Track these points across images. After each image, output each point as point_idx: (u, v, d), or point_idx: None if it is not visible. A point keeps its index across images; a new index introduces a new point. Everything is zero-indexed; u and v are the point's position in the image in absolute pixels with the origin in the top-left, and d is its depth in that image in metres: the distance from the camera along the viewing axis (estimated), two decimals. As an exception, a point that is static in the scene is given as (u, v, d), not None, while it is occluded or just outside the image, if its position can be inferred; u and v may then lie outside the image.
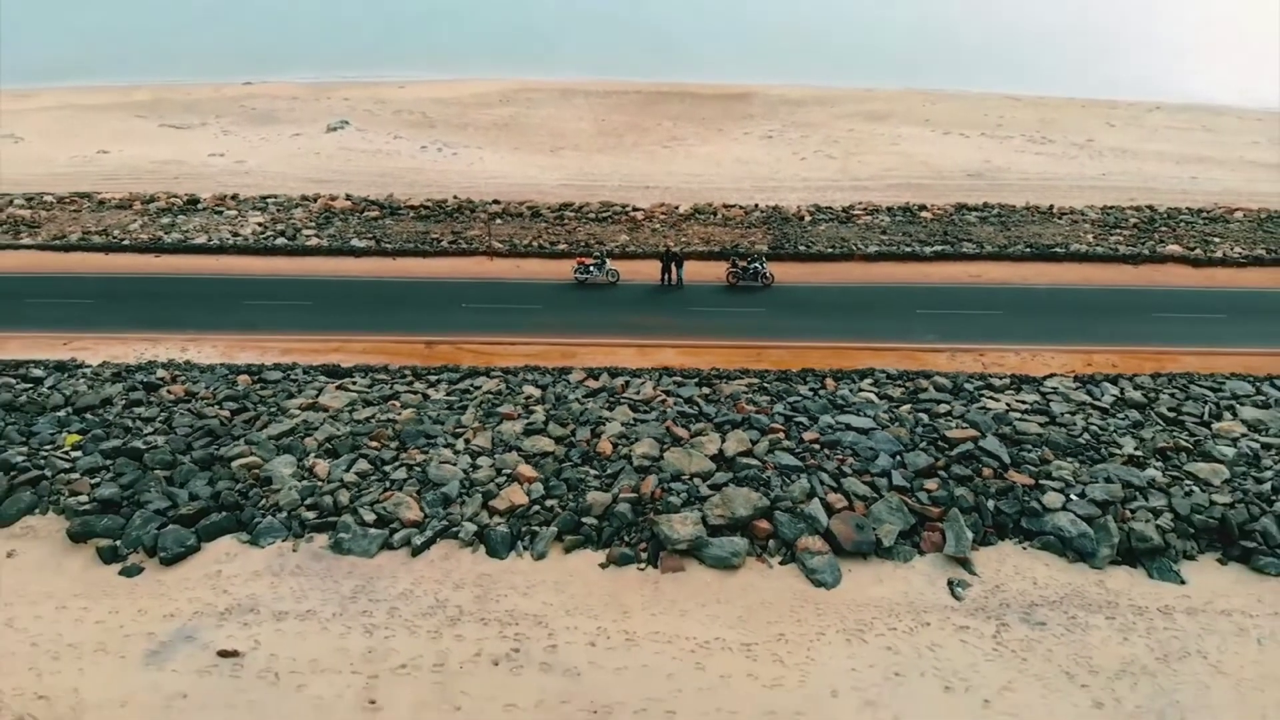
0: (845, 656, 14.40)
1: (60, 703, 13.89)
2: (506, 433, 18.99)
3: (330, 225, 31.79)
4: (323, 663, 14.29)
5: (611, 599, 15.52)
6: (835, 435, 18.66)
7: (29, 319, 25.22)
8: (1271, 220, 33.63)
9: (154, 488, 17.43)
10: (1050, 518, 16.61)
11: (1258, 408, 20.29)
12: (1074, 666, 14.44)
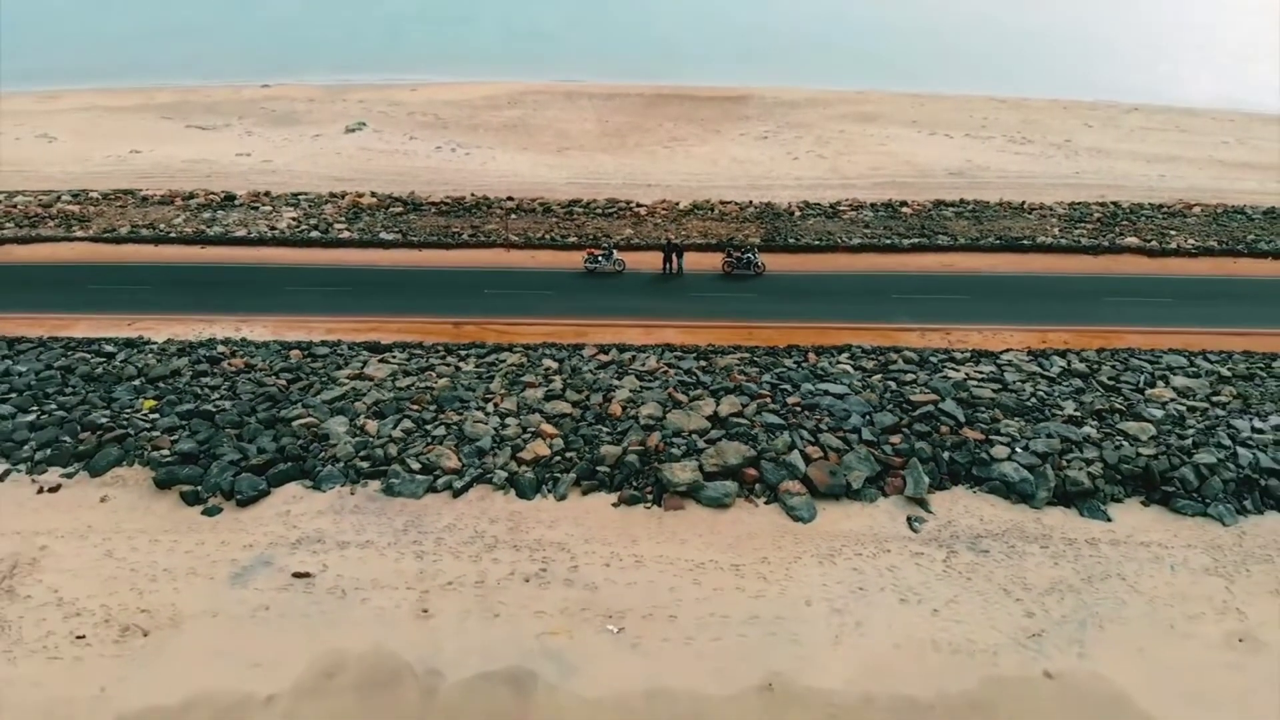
0: (818, 575, 17.25)
1: (160, 615, 16.74)
2: (529, 398, 21.81)
3: (359, 220, 34.58)
4: (382, 581, 17.13)
5: (622, 531, 18.36)
6: (814, 400, 21.49)
7: (94, 303, 28.01)
8: (1226, 215, 36.43)
9: (226, 443, 20.26)
10: (997, 466, 19.45)
11: (1188, 377, 23.12)
12: (1011, 585, 17.29)
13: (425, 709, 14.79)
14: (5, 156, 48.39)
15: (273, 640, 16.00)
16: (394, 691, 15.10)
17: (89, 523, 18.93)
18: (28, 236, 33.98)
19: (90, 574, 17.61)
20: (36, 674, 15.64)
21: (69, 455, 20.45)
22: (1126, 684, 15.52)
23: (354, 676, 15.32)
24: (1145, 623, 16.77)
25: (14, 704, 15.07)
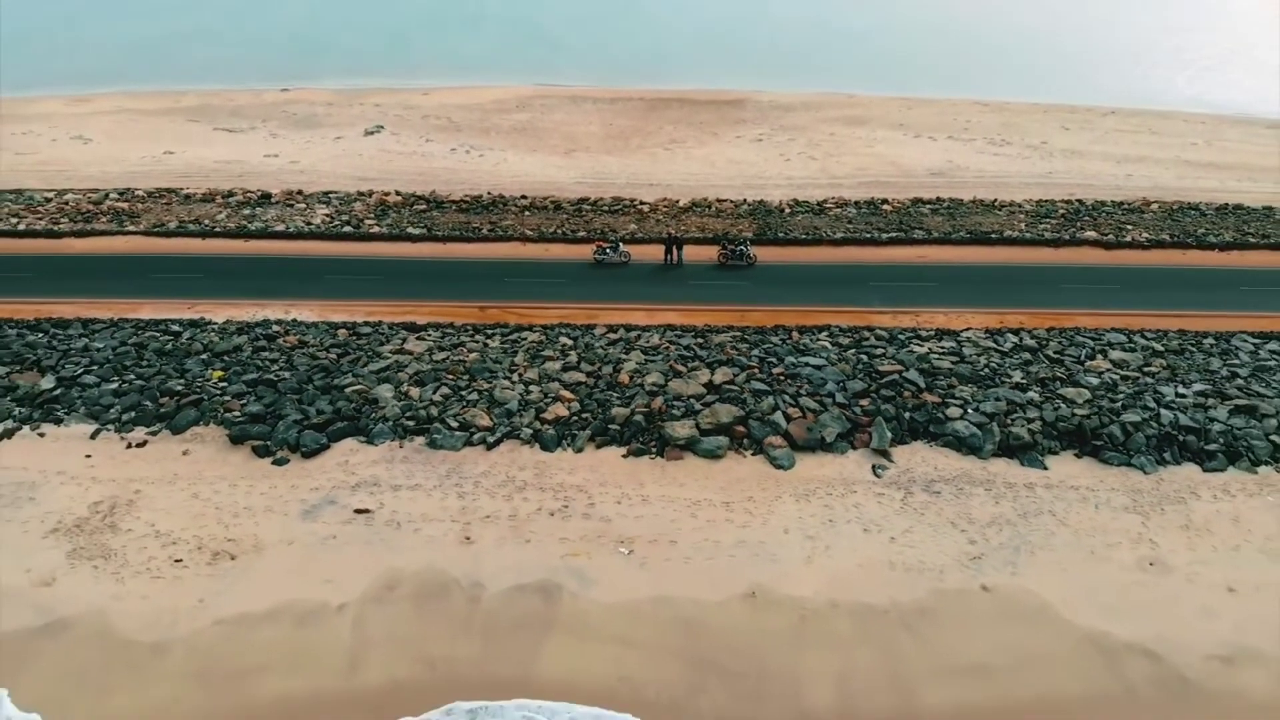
0: (795, 510, 20.55)
1: (244, 543, 20.04)
2: (549, 369, 25.10)
3: (386, 216, 37.83)
4: (430, 515, 20.43)
5: (631, 476, 21.66)
6: (796, 370, 24.77)
7: (155, 289, 31.26)
8: (1181, 211, 39.70)
9: (289, 405, 23.55)
10: (951, 424, 22.73)
11: (1125, 351, 26.41)
12: (957, 519, 20.60)
13: (471, 613, 18.08)
14: (45, 157, 51.58)
15: (341, 562, 19.29)
16: (444, 600, 18.39)
17: (175, 471, 22.23)
18: (83, 230, 37.21)
19: (181, 512, 20.91)
20: (143, 590, 18.94)
21: (152, 416, 23.74)
22: (1051, 596, 18.82)
23: (411, 589, 18.61)
24: (1070, 549, 20.09)
25: (125, 613, 18.35)
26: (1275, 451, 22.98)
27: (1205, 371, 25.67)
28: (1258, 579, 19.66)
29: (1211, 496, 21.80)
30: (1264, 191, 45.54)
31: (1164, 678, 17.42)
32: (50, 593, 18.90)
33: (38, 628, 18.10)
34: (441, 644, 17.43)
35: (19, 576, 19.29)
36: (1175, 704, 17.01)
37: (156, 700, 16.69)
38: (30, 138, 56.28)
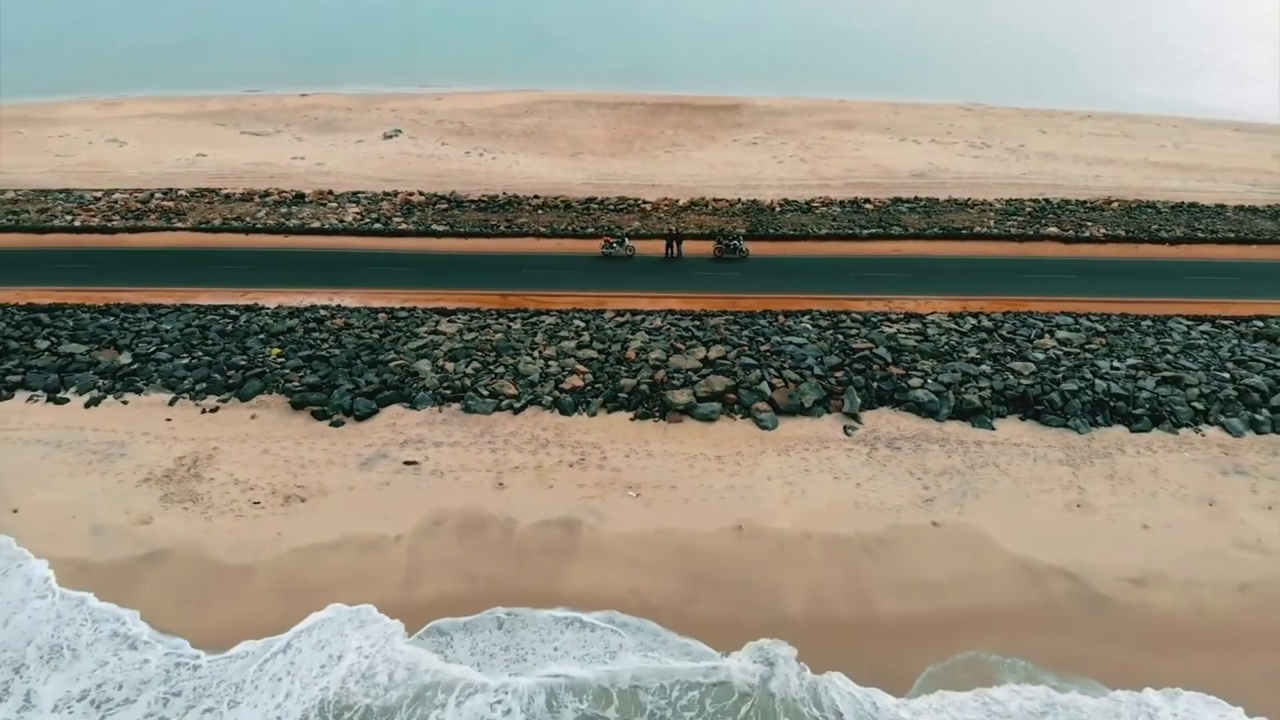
0: (776, 462, 24.20)
1: (311, 489, 23.68)
2: (565, 347, 28.73)
3: (412, 214, 41.44)
4: (468, 466, 24.06)
5: (637, 435, 25.30)
6: (780, 347, 28.42)
7: (209, 279, 34.87)
8: (1139, 209, 43.31)
9: (342, 377, 27.19)
10: (913, 392, 26.37)
11: (1070, 331, 30.06)
12: (914, 469, 24.24)
13: (506, 542, 21.74)
14: (84, 159, 55.23)
15: (395, 503, 22.95)
16: (483, 532, 22.05)
17: (246, 432, 25.87)
18: (135, 226, 40.82)
19: (254, 464, 24.57)
20: (228, 526, 22.61)
21: (221, 387, 27.39)
22: (990, 530, 22.47)
23: (455, 523, 22.27)
24: (1009, 494, 23.75)
25: (214, 543, 22.00)
26: (1195, 416, 26.62)
27: (1140, 349, 29.32)
28: (1169, 518, 23.33)
29: (1135, 452, 25.45)
30: (1220, 190, 49.18)
31: (1081, 594, 21.08)
32: (148, 529, 22.56)
33: (141, 556, 21.76)
34: (482, 566, 21.09)
35: (120, 517, 22.95)
36: (1090, 615, 20.68)
37: (246, 611, 20.34)
38: (67, 140, 59.82)
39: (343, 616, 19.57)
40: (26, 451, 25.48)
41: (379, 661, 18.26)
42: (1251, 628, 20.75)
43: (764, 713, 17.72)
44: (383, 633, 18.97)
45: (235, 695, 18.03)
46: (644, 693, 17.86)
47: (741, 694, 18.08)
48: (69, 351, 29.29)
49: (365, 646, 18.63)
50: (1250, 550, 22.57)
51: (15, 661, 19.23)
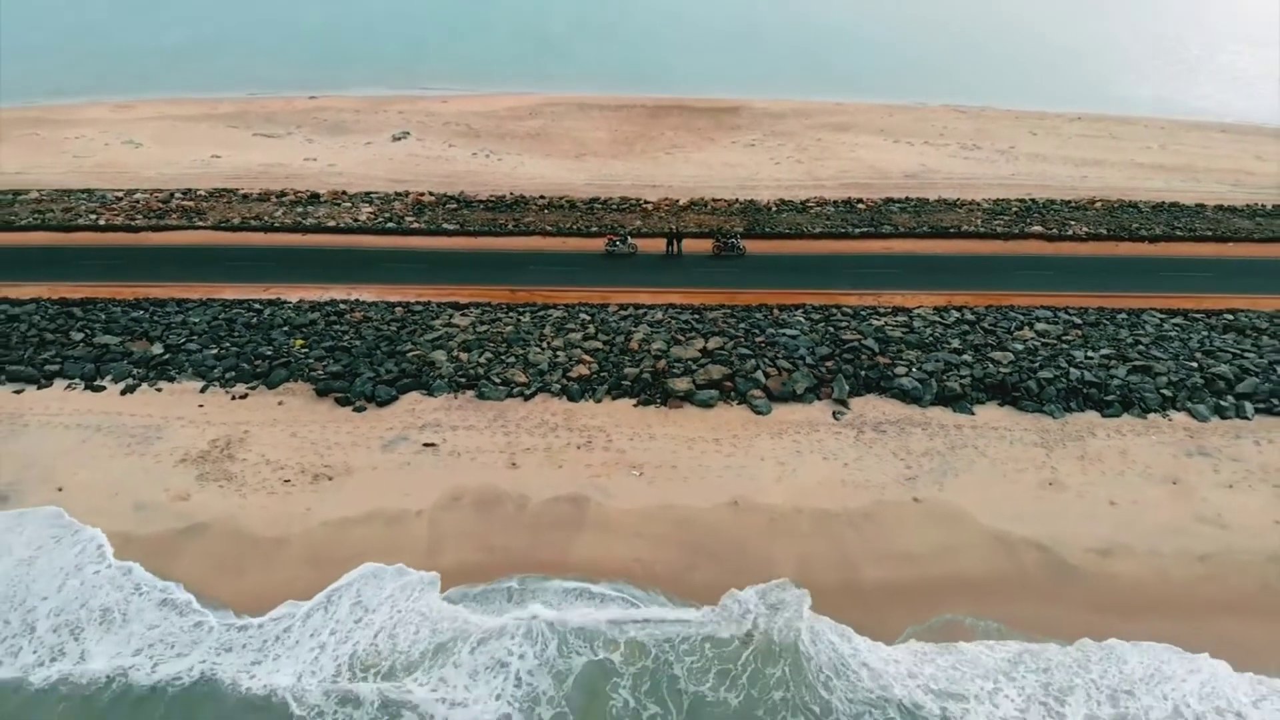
0: (769, 444, 25.96)
1: (338, 468, 25.44)
2: (572, 339, 30.49)
3: (423, 214, 43.22)
4: (483, 448, 25.83)
5: (640, 420, 27.07)
6: (775, 339, 30.19)
7: (232, 275, 36.62)
8: (1121, 208, 45.07)
9: (363, 366, 28.95)
10: (898, 380, 28.15)
11: (1048, 324, 31.83)
12: (899, 450, 26.01)
13: (519, 516, 23.51)
14: (102, 160, 56.97)
15: (416, 481, 24.71)
16: (498, 507, 23.82)
17: (274, 417, 27.64)
18: (158, 225, 42.59)
19: (284, 446, 26.34)
20: (261, 502, 24.37)
21: (249, 375, 29.16)
22: (968, 507, 24.23)
23: (472, 499, 24.04)
24: (986, 473, 25.51)
25: (249, 517, 23.76)
26: (1164, 402, 28.38)
27: (1114, 340, 31.09)
28: (1135, 496, 25.09)
29: (1106, 435, 27.22)
30: (1203, 190, 50.94)
31: (1050, 563, 22.85)
32: (187, 505, 24.34)
33: (181, 529, 23.54)
34: (498, 537, 22.87)
35: (159, 494, 24.73)
36: (1058, 582, 22.45)
37: (280, 578, 22.11)
38: (84, 142, 61.56)
39: (383, 571, 21.53)
40: (67, 435, 27.25)
41: (410, 614, 20.14)
42: (1210, 595, 22.51)
43: (761, 654, 19.52)
44: (418, 581, 20.89)
45: (276, 649, 19.81)
46: (649, 640, 19.67)
47: (740, 640, 19.89)
48: (103, 343, 31.06)
49: (399, 598, 20.53)
50: (1210, 525, 24.32)
51: (72, 624, 21.00)
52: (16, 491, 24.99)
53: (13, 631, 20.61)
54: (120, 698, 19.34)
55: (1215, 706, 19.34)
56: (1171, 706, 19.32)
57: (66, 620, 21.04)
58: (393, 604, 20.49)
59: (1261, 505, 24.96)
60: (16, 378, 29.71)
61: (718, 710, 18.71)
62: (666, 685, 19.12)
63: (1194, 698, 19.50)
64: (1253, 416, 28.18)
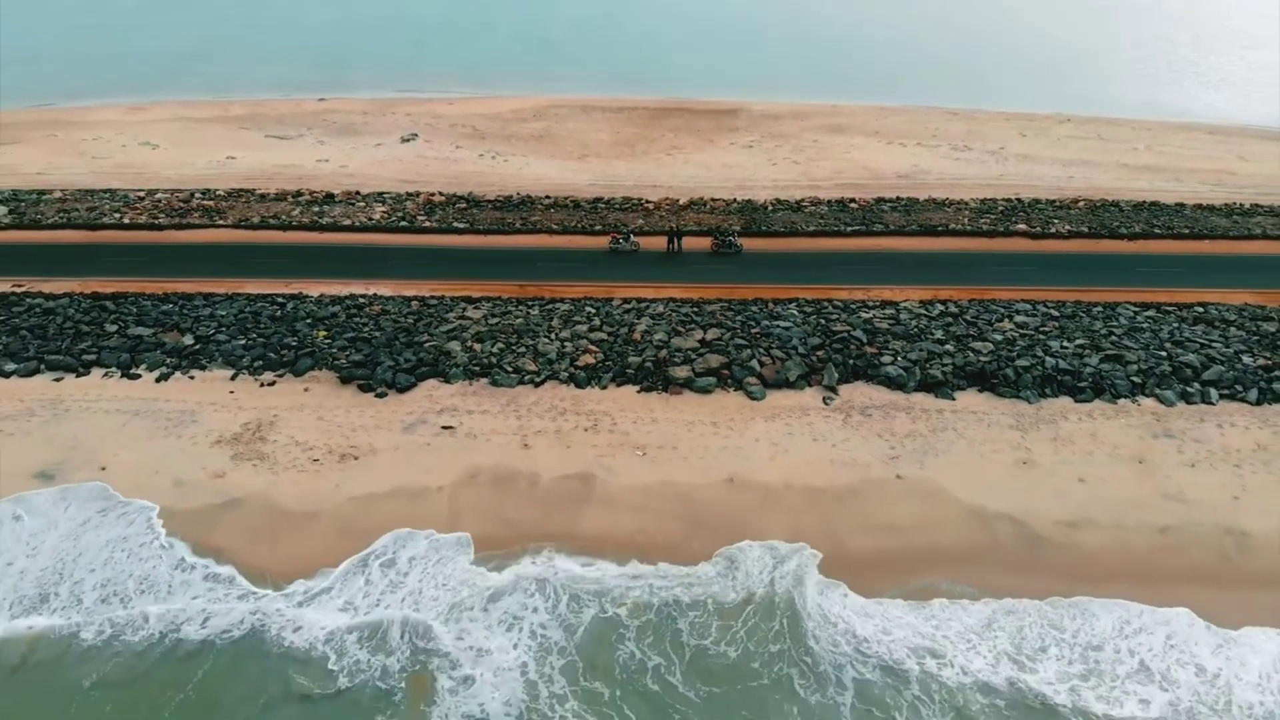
0: (763, 427, 27.91)
1: (363, 448, 27.37)
2: (579, 330, 32.43)
3: (435, 213, 45.14)
4: (497, 430, 27.79)
5: (643, 405, 29.01)
6: (769, 330, 32.14)
7: (254, 270, 38.52)
8: (1103, 207, 46.98)
9: (383, 355, 30.90)
10: (884, 368, 30.09)
11: (1027, 316, 33.78)
12: (883, 432, 27.96)
13: (532, 492, 25.46)
14: (120, 161, 58.85)
15: (436, 460, 26.66)
16: (512, 484, 25.76)
17: (301, 402, 29.59)
18: (180, 224, 44.51)
19: (311, 429, 28.28)
20: (292, 479, 26.32)
21: (276, 364, 31.10)
22: (946, 483, 26.17)
23: (488, 477, 25.98)
24: (964, 453, 27.45)
25: (282, 493, 25.69)
26: (1133, 389, 30.32)
27: (1088, 331, 33.04)
28: (1102, 474, 27.03)
29: (1078, 419, 29.17)
30: (1184, 190, 52.85)
31: (1022, 535, 24.81)
32: (223, 482, 26.28)
33: (218, 504, 25.48)
34: (512, 510, 24.83)
35: (197, 472, 26.67)
36: (1029, 552, 24.41)
37: (312, 548, 24.06)
38: (101, 143, 63.43)
39: (415, 535, 23.60)
40: (107, 419, 29.19)
41: (436, 574, 22.18)
42: (1169, 564, 24.47)
43: (760, 608, 21.53)
44: (451, 542, 23.06)
45: (314, 608, 21.77)
46: (654, 599, 21.69)
47: (735, 590, 21.90)
48: (137, 334, 33.00)
49: (429, 559, 22.59)
50: (1172, 500, 26.27)
51: (120, 589, 22.92)
52: (62, 471, 26.91)
53: (64, 596, 22.53)
54: (170, 653, 21.26)
55: (1179, 659, 21.27)
56: (1138, 661, 21.23)
57: (115, 588, 22.95)
58: (422, 566, 22.44)
59: (1221, 482, 26.91)
60: (56, 366, 31.62)
61: (717, 661, 20.69)
62: (670, 638, 21.08)
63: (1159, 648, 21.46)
64: (1217, 402, 30.12)
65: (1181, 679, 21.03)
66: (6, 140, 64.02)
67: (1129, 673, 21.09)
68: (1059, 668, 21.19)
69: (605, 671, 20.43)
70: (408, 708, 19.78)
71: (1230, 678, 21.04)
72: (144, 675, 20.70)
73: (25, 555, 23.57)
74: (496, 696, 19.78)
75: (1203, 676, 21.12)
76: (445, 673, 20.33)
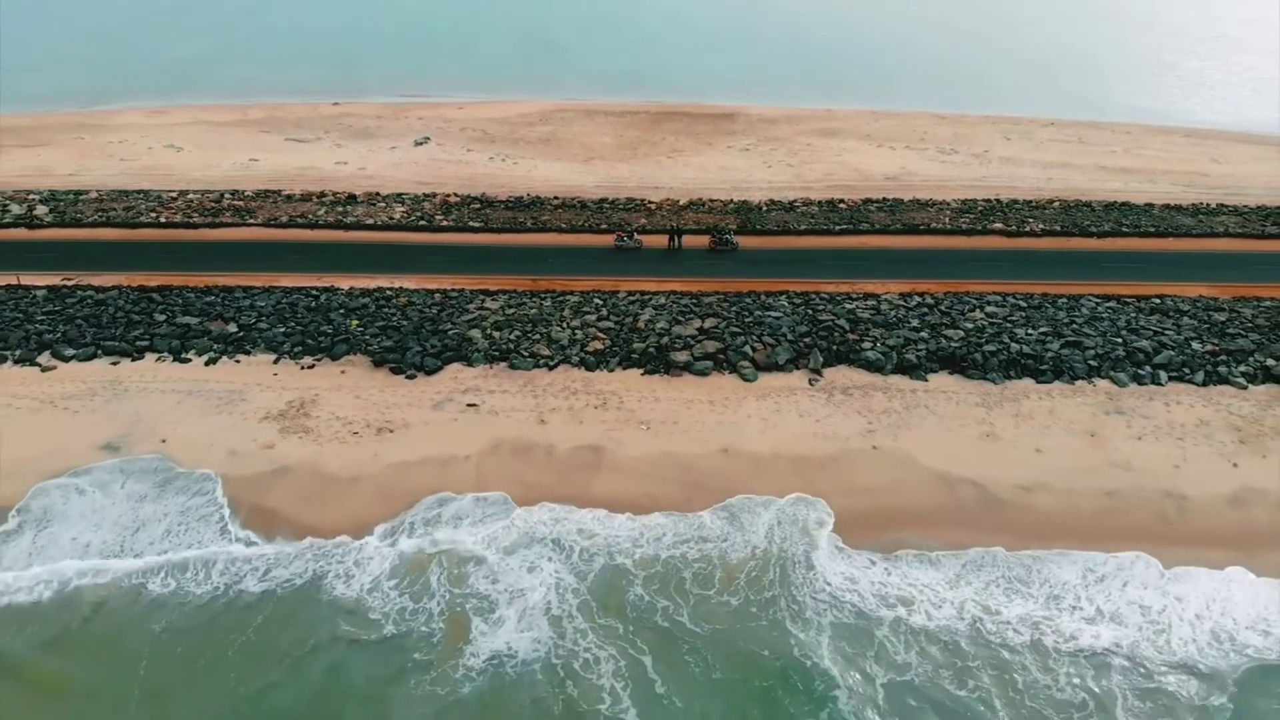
0: (755, 405, 31.15)
1: (397, 423, 30.58)
2: (588, 319, 35.66)
3: (451, 213, 48.37)
4: (516, 408, 31.03)
5: (646, 386, 32.25)
6: (761, 319, 35.39)
7: (288, 266, 41.71)
8: (1076, 207, 50.21)
9: (412, 341, 34.13)
10: (864, 353, 33.34)
11: (997, 307, 37.01)
12: (861, 409, 31.20)
13: (549, 460, 28.69)
14: (148, 163, 61.96)
15: (462, 433, 29.87)
16: (531, 453, 28.98)
17: (339, 383, 32.81)
18: (214, 223, 47.71)
19: (349, 406, 31.50)
20: (335, 450, 29.53)
21: (315, 349, 34.34)
22: (917, 453, 29.38)
23: (509, 448, 29.20)
24: (934, 427, 30.67)
25: (326, 461, 28.88)
26: (1090, 371, 33.55)
27: (1052, 320, 36.28)
28: (1057, 445, 30.25)
29: (1038, 398, 32.40)
30: (1157, 191, 56.08)
31: (982, 497, 28.03)
32: (273, 452, 29.47)
33: (270, 471, 28.66)
34: (531, 476, 28.06)
35: (249, 444, 29.86)
36: (988, 512, 27.62)
37: (354, 508, 27.25)
38: (127, 146, 66.58)
39: (450, 497, 26.81)
40: (163, 398, 32.39)
41: (467, 528, 25.50)
42: (1113, 523, 27.66)
43: (759, 557, 24.82)
44: (494, 499, 26.52)
45: (360, 560, 25.01)
46: (663, 552, 24.98)
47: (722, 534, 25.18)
48: (185, 322, 36.22)
49: (467, 515, 25.92)
50: (1119, 468, 29.49)
51: (186, 543, 26.12)
52: (127, 443, 30.09)
53: (138, 545, 25.73)
54: (231, 605, 24.27)
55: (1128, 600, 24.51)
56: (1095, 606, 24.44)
57: (178, 539, 26.13)
58: (453, 525, 25.69)
59: (1164, 453, 30.14)
60: (112, 351, 34.81)
61: (719, 607, 23.96)
62: (674, 581, 24.36)
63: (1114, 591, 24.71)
64: (1166, 383, 33.36)
65: (1128, 618, 24.19)
66: (36, 142, 67.19)
67: (1085, 615, 24.20)
68: (1021, 611, 24.28)
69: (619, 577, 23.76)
70: (447, 638, 22.99)
71: (1172, 617, 24.25)
72: (208, 621, 23.76)
73: (99, 517, 26.75)
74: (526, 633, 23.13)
75: (1146, 615, 24.32)
76: (482, 615, 23.58)
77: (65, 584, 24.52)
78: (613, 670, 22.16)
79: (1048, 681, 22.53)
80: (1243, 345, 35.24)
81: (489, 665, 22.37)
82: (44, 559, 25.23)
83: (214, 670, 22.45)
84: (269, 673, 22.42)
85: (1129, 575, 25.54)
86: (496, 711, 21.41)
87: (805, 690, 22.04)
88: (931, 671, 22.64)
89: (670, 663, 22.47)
